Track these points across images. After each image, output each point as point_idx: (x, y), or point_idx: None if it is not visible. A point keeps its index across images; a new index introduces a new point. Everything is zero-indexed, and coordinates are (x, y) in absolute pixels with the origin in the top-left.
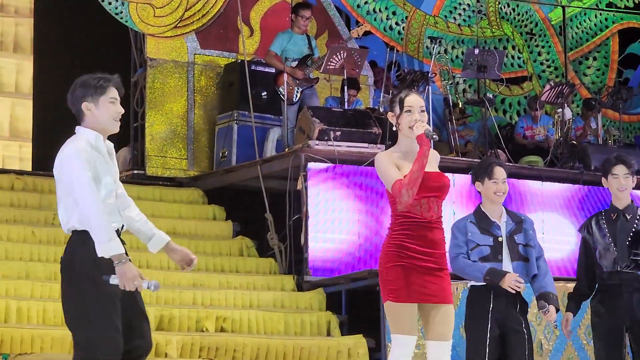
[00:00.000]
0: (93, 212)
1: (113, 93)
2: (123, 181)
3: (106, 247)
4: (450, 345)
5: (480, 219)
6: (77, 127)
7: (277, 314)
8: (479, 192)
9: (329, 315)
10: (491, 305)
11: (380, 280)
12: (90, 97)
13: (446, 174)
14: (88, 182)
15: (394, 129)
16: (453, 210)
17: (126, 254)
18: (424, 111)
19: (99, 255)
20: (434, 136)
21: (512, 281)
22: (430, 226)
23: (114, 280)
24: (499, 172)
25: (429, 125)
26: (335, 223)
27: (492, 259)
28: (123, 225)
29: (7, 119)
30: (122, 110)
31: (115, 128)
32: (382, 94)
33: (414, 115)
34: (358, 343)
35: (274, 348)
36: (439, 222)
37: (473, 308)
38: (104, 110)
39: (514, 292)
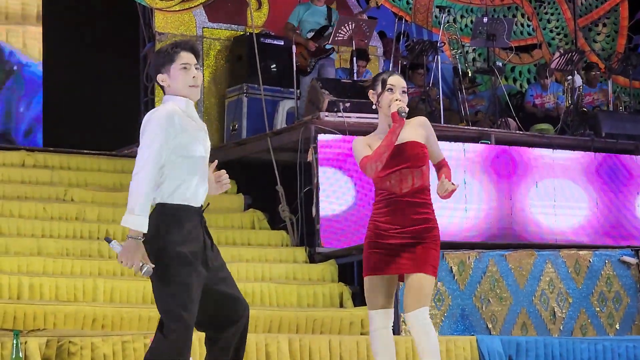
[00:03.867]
0: (143, 180)
1: (184, 59)
2: (131, 155)
3: (133, 218)
4: (417, 314)
5: None
6: (165, 96)
7: (289, 286)
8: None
9: (341, 287)
10: None
11: None
12: (162, 68)
13: (456, 143)
14: (156, 149)
15: (374, 106)
16: (464, 179)
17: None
18: (405, 92)
19: (123, 223)
20: (404, 113)
21: None
22: (404, 201)
23: (115, 246)
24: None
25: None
26: (346, 194)
27: None
28: (208, 203)
29: None
30: (196, 74)
31: (195, 95)
32: (391, 64)
33: (396, 94)
34: None
35: (286, 320)
36: (417, 194)
37: None
38: (177, 78)
39: None
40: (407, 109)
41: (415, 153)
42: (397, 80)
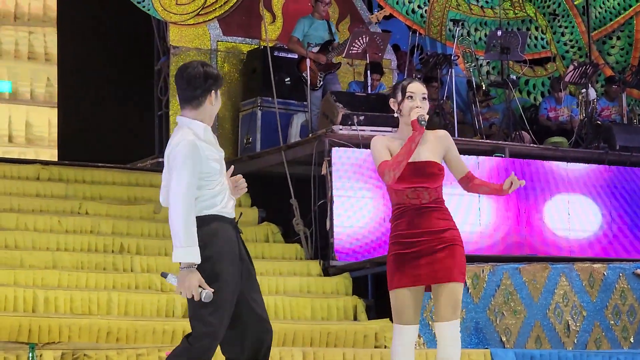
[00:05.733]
0: (177, 216)
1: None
2: (147, 169)
3: (182, 252)
4: (452, 325)
5: None
6: (181, 118)
7: (303, 300)
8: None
9: (355, 300)
10: None
11: None
12: (215, 88)
13: (470, 156)
14: (187, 182)
15: (395, 115)
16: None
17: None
18: (425, 99)
19: (173, 259)
20: (423, 121)
21: None
22: (423, 207)
23: (171, 279)
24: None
25: (452, 109)
26: (361, 207)
27: None
28: (240, 213)
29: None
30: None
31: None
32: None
33: (416, 101)
34: (385, 327)
35: (300, 333)
36: (433, 204)
37: None
38: (219, 102)
39: None
40: (427, 117)
41: (432, 172)
42: (417, 87)
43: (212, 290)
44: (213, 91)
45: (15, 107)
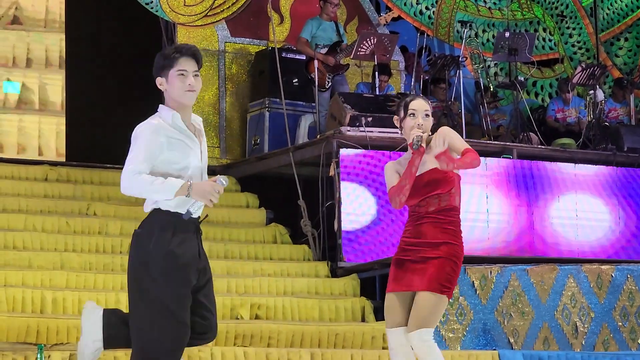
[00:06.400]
0: (142, 186)
1: (182, 65)
2: None
3: (170, 195)
4: (414, 335)
5: None
6: (160, 106)
7: (311, 301)
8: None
9: (363, 301)
10: None
11: None
12: (161, 72)
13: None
14: (142, 159)
15: (399, 133)
16: (486, 194)
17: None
18: (428, 115)
19: (173, 209)
20: (418, 144)
21: None
22: (430, 217)
23: (195, 207)
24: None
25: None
26: (368, 208)
27: None
28: (206, 215)
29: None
30: (193, 82)
31: (190, 99)
32: (413, 79)
33: (417, 119)
34: None
35: (308, 334)
36: (444, 212)
37: None
38: (173, 84)
39: None
40: (423, 137)
41: (436, 179)
42: (419, 104)
43: (225, 176)
44: (160, 76)
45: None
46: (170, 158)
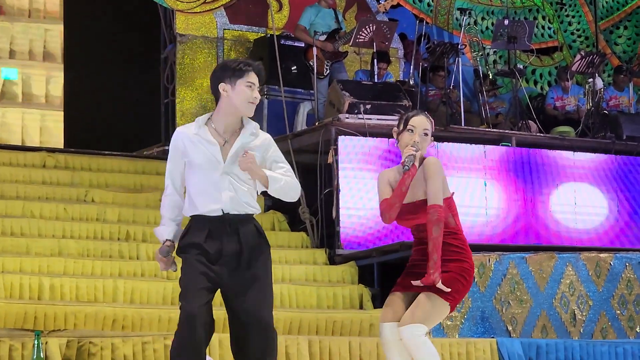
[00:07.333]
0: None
1: (251, 78)
2: (153, 157)
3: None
4: (405, 329)
5: None
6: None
7: (309, 288)
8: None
9: (361, 289)
10: None
11: None
12: (229, 79)
13: (477, 146)
14: (167, 173)
15: (396, 145)
16: (484, 181)
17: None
18: (427, 135)
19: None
20: (409, 164)
21: None
22: (427, 244)
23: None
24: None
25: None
26: (367, 196)
27: None
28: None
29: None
30: (259, 96)
31: (250, 112)
32: (412, 67)
33: (415, 136)
34: None
35: (306, 322)
36: (447, 237)
37: None
38: (241, 93)
39: None
40: (416, 156)
41: (416, 217)
42: (419, 122)
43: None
44: (224, 82)
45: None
46: (188, 163)
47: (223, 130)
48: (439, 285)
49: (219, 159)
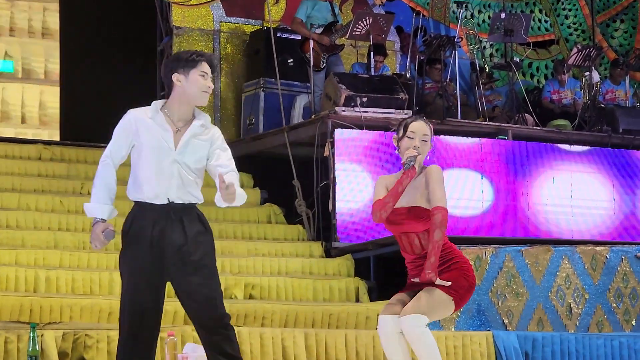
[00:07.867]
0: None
1: (204, 68)
2: None
3: (89, 207)
4: (406, 319)
5: None
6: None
7: (305, 281)
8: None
9: (357, 281)
10: None
11: None
12: (182, 69)
13: (473, 139)
14: (107, 151)
15: (396, 152)
16: (481, 175)
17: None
18: (426, 141)
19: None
20: (410, 164)
21: None
22: (419, 262)
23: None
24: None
25: (455, 92)
26: (363, 189)
27: None
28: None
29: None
30: (212, 85)
31: (203, 101)
32: (408, 59)
33: (414, 141)
34: None
35: (302, 314)
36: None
37: None
38: (195, 82)
39: None
40: (415, 158)
41: (419, 217)
42: (418, 128)
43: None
44: (178, 72)
45: (16, 85)
46: (138, 145)
47: (177, 118)
48: (438, 281)
49: (170, 146)
